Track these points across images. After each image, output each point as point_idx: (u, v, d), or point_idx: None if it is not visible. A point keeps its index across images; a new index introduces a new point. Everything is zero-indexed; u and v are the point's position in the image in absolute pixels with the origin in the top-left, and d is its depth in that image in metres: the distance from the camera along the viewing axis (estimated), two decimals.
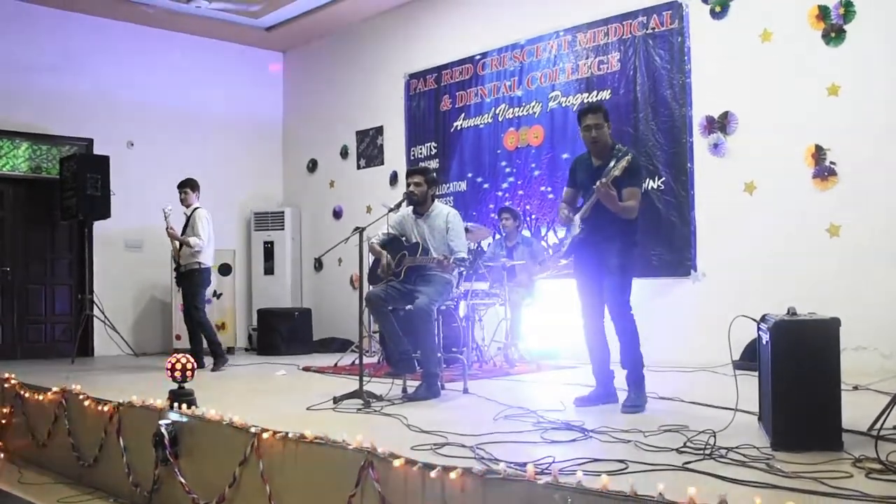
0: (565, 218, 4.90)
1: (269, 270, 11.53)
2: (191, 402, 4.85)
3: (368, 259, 7.68)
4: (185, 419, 4.61)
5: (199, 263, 8.18)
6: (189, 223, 8.27)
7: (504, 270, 7.69)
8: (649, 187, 7.85)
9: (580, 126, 4.96)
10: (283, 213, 11.63)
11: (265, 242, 11.54)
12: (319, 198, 11.71)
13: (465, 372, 6.10)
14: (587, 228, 4.82)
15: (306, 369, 7.99)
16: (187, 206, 8.41)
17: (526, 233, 8.72)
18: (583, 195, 4.98)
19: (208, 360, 8.22)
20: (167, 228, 8.23)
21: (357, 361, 6.25)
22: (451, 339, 6.93)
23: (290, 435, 3.84)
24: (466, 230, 6.58)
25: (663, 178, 7.88)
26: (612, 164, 4.71)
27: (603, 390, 4.97)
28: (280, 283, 11.51)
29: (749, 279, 7.30)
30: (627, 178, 4.70)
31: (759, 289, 7.13)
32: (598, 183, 4.62)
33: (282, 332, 10.17)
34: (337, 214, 11.46)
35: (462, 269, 5.93)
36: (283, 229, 11.57)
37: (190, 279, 8.19)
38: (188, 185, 8.43)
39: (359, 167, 11.17)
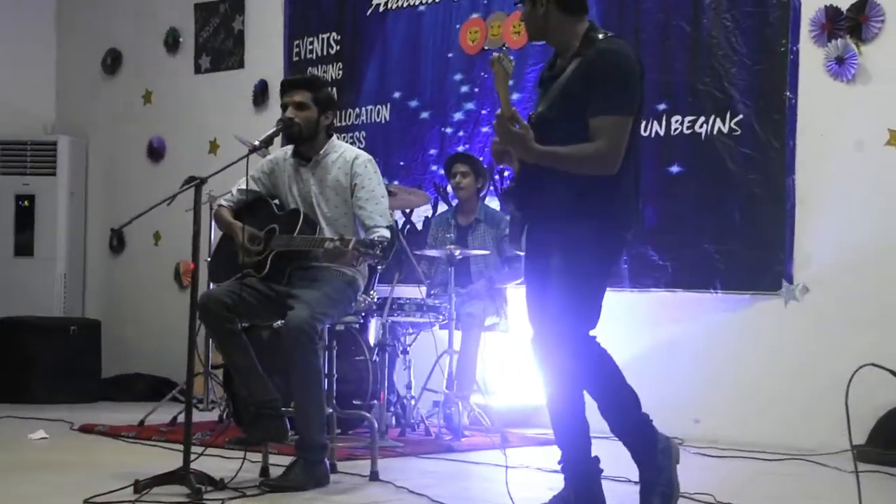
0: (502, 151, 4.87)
1: (24, 249, 11.53)
2: None
3: (212, 236, 7.97)
4: None
5: None
6: None
7: (451, 266, 7.73)
8: (713, 131, 8.03)
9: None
10: (54, 145, 11.64)
11: (18, 199, 11.51)
12: (124, 122, 11.72)
13: (374, 443, 6.12)
14: (516, 196, 4.97)
15: (87, 430, 8.02)
16: None
17: (493, 203, 8.71)
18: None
19: None
20: None
21: (182, 418, 6.23)
22: (352, 384, 6.97)
23: None
24: (389, 192, 6.63)
25: (740, 117, 7.96)
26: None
27: (576, 492, 4.86)
28: (44, 272, 11.52)
29: (888, 302, 7.35)
30: (595, 92, 4.67)
31: None
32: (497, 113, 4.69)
33: (43, 363, 10.17)
34: (156, 153, 11.52)
35: (378, 260, 5.94)
36: (53, 175, 11.59)
37: None
38: None
39: (198, 70, 11.25)
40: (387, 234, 5.88)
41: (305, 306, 5.70)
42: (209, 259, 6.90)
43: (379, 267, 7.20)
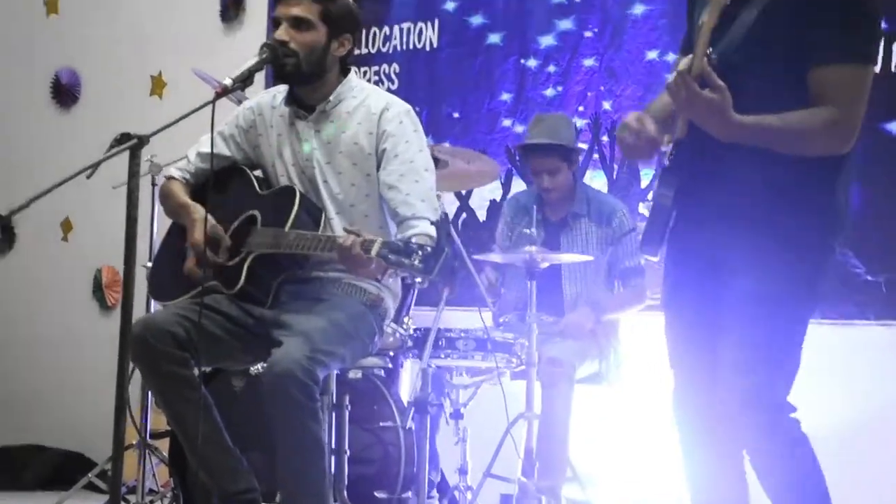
0: (635, 144, 4.78)
1: None
2: None
3: (156, 228, 7.77)
4: None
5: None
6: None
7: (532, 280, 7.15)
8: None
9: None
10: None
11: None
12: (16, 45, 11.46)
13: None
14: (676, 179, 4.74)
15: None
16: None
17: (597, 180, 8.34)
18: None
19: None
20: None
21: None
22: (374, 464, 6.68)
23: None
24: (436, 162, 6.48)
25: None
26: None
27: None
28: None
29: None
30: (821, 27, 4.43)
31: None
32: (678, 66, 4.62)
33: None
34: (66, 94, 11.18)
35: (419, 276, 5.50)
36: None
37: None
38: None
39: None
40: (432, 231, 5.55)
41: (301, 341, 5.33)
42: (150, 265, 6.46)
43: (417, 281, 6.65)
